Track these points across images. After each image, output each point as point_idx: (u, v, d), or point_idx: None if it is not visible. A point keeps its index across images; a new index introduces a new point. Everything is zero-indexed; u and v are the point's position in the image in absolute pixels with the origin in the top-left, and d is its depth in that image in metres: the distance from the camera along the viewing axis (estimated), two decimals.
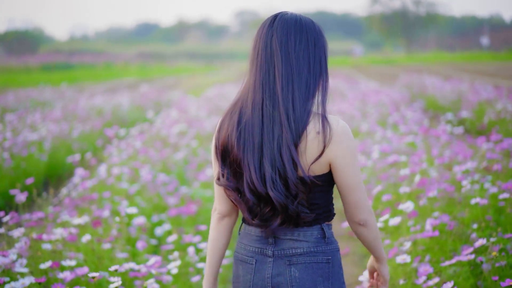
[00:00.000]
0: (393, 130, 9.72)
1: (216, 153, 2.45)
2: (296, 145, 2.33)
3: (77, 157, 6.97)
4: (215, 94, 18.45)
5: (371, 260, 2.65)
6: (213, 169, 2.51)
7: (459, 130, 8.34)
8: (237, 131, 2.38)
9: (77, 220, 4.88)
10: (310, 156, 2.34)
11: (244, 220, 2.53)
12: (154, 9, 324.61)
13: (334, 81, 23.14)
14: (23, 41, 74.16)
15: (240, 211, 2.52)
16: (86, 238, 4.50)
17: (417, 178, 5.27)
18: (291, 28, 2.41)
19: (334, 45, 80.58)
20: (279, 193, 2.33)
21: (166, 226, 5.69)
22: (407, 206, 4.08)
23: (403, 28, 76.68)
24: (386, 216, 4.09)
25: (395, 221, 4.02)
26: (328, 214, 2.46)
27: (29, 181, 5.93)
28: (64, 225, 5.11)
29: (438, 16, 77.44)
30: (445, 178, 5.57)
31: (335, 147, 2.34)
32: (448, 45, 78.23)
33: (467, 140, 8.41)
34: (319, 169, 2.37)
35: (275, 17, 2.45)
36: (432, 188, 5.03)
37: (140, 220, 5.18)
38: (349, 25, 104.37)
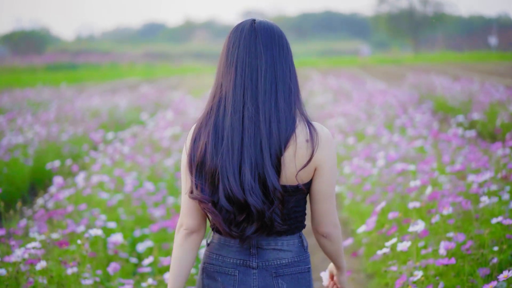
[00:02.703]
0: (401, 133, 9.11)
1: (191, 165, 2.36)
2: (279, 154, 2.30)
3: (56, 163, 6.36)
4: None
5: (331, 265, 2.68)
6: (183, 183, 2.43)
7: (472, 133, 7.73)
8: (215, 137, 2.32)
9: (43, 238, 4.32)
10: (299, 163, 2.31)
11: (217, 231, 2.43)
12: (161, 9, 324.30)
13: (339, 81, 22.54)
14: (29, 41, 73.89)
15: (210, 225, 2.45)
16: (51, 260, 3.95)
17: (428, 190, 4.68)
18: (274, 33, 2.39)
19: (341, 45, 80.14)
20: (257, 198, 2.28)
21: (148, 243, 5.10)
22: (418, 227, 3.48)
23: (410, 27, 75.97)
24: (393, 240, 3.49)
25: (404, 246, 3.42)
26: (303, 223, 2.45)
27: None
28: (30, 243, 4.54)
29: (445, 15, 76.74)
30: (458, 190, 4.96)
31: (321, 152, 2.33)
32: (455, 45, 77.52)
33: (480, 145, 7.79)
34: (306, 176, 2.35)
35: (253, 21, 2.42)
36: (445, 202, 4.44)
37: (117, 237, 4.59)
38: (356, 25, 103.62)
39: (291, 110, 2.33)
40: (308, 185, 2.38)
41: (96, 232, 3.65)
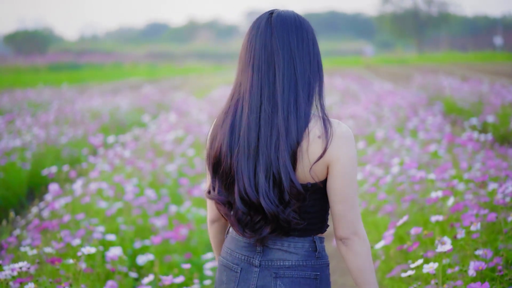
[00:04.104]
0: (412, 137, 8.76)
1: (208, 164, 2.36)
2: (295, 149, 2.23)
3: (53, 169, 6.02)
4: (220, 96, 17.49)
5: None
6: (206, 180, 2.43)
7: (487, 137, 7.38)
8: (230, 138, 2.28)
9: (35, 252, 4.00)
10: (312, 160, 2.24)
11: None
12: (164, 9, 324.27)
13: (346, 82, 22.19)
14: (32, 41, 73.75)
15: None
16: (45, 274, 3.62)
17: (451, 201, 4.33)
18: (292, 25, 2.29)
19: (345, 45, 79.82)
20: (270, 202, 2.23)
21: (149, 256, 4.76)
22: (445, 246, 3.14)
23: (414, 28, 75.63)
24: (419, 261, 3.14)
25: (430, 268, 3.08)
26: (321, 225, 2.35)
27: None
28: (20, 258, 4.23)
29: (450, 15, 76.40)
30: (482, 200, 4.61)
31: (335, 150, 2.23)
32: (460, 45, 77.16)
33: (496, 149, 7.44)
34: (318, 174, 2.26)
35: (271, 13, 2.33)
36: (469, 215, 4.09)
37: (115, 252, 4.25)
38: (360, 25, 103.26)
39: (310, 105, 2.26)
40: (322, 184, 2.29)
41: (90, 250, 3.31)
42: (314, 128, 2.24)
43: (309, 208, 2.30)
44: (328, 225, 2.41)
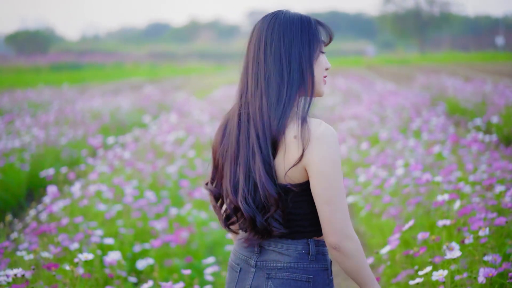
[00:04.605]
0: (416, 138, 8.65)
1: (211, 157, 2.42)
2: (267, 154, 2.22)
3: (51, 171, 5.91)
4: (221, 96, 17.37)
5: None
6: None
7: (492, 138, 7.27)
8: (222, 138, 2.35)
9: (32, 257, 3.90)
10: (289, 162, 2.21)
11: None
12: (166, 9, 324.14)
13: (348, 82, 22.08)
14: (34, 41, 73.71)
15: None
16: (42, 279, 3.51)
17: (457, 204, 4.22)
18: (266, 27, 2.29)
19: (346, 45, 79.66)
20: (248, 205, 2.24)
21: (149, 260, 4.65)
22: (454, 252, 3.03)
23: (416, 27, 75.45)
24: (428, 269, 3.03)
25: (440, 275, 2.97)
26: (315, 228, 2.30)
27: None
28: (16, 263, 4.12)
29: (451, 15, 76.20)
30: (489, 203, 4.50)
31: (312, 151, 2.18)
32: (462, 45, 76.99)
33: (501, 150, 7.33)
34: (298, 176, 2.23)
35: (263, 18, 2.34)
36: (477, 219, 3.98)
37: (113, 256, 4.14)
38: (361, 25, 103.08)
39: (279, 110, 2.22)
40: (305, 186, 2.24)
41: (87, 256, 3.20)
42: (292, 129, 2.21)
43: (297, 210, 2.27)
44: None
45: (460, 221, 4.16)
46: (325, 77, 2.36)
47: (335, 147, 2.20)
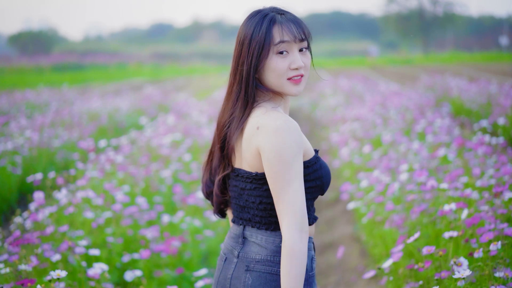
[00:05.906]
0: (420, 140, 8.36)
1: None
2: (223, 148, 2.40)
3: (38, 176, 5.63)
4: (221, 97, 17.08)
5: None
6: None
7: (499, 141, 6.99)
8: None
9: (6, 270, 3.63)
10: (245, 150, 2.32)
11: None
12: (169, 9, 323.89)
13: (351, 82, 21.78)
14: (37, 42, 73.69)
15: None
16: None
17: (465, 213, 3.94)
18: (241, 25, 2.50)
19: (349, 45, 79.42)
20: (203, 187, 2.53)
21: (137, 272, 4.37)
22: (462, 269, 2.75)
23: (419, 28, 75.17)
24: None
25: None
26: None
27: None
28: None
29: (455, 15, 75.91)
30: (499, 212, 4.22)
31: (261, 142, 2.23)
32: (465, 45, 76.73)
33: (509, 153, 7.04)
34: (256, 165, 2.29)
35: None
36: (486, 230, 3.71)
37: (96, 270, 3.86)
38: (365, 25, 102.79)
39: (235, 104, 2.36)
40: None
41: (60, 274, 2.92)
42: (250, 122, 2.30)
43: (269, 199, 2.28)
44: (314, 220, 2.37)
45: (468, 232, 3.90)
46: (295, 76, 2.33)
47: (286, 140, 2.20)
